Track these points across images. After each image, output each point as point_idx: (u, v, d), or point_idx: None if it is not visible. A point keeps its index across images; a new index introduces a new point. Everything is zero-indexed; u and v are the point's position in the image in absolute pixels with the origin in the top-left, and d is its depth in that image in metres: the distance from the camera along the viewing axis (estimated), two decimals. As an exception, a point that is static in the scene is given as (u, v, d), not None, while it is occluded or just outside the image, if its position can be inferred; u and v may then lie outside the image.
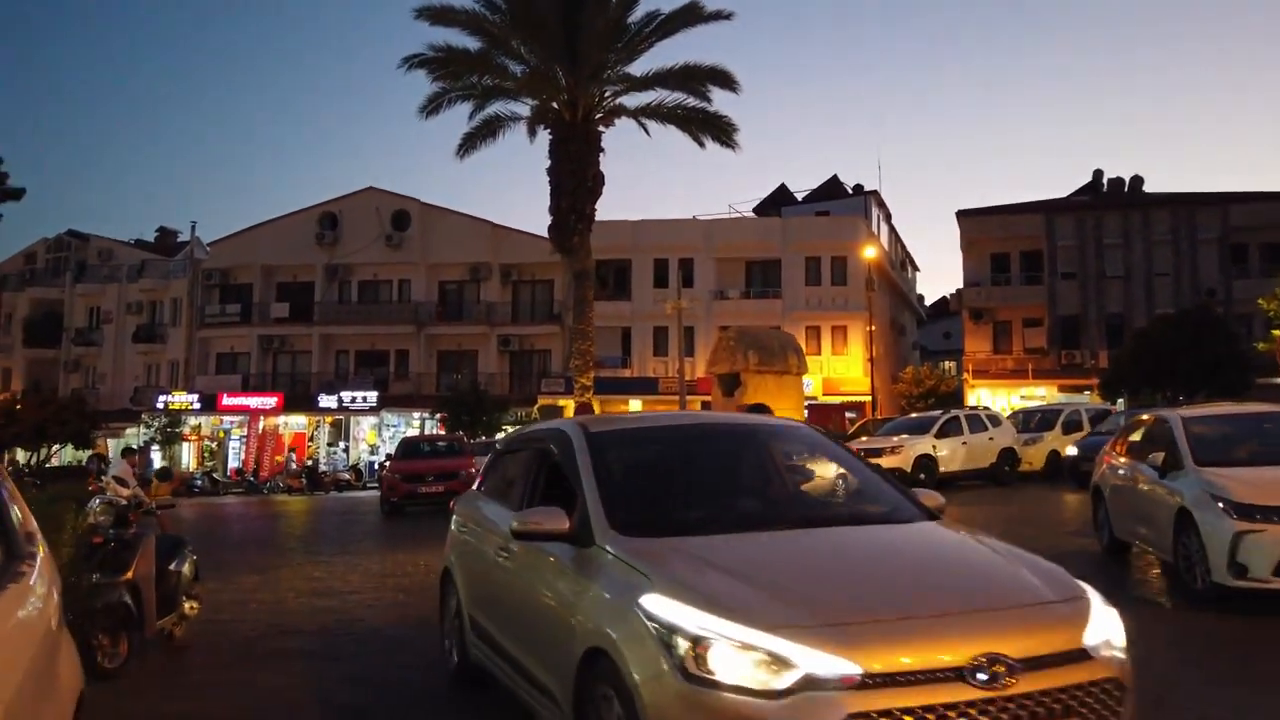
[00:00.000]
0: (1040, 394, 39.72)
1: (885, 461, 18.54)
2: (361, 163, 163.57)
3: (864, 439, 20.49)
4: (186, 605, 6.78)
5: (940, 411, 21.57)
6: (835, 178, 48.64)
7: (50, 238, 51.00)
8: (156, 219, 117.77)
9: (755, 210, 48.30)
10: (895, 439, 19.32)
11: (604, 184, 19.55)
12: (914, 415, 23.12)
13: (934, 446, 19.01)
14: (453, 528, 5.59)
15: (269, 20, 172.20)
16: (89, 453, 37.56)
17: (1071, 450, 18.41)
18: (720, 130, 19.59)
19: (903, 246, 53.92)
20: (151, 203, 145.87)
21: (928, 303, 72.22)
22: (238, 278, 46.02)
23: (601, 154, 19.60)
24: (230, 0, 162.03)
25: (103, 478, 11.85)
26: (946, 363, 73.38)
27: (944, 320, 74.60)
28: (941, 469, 18.93)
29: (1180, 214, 39.64)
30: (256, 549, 13.88)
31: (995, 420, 20.63)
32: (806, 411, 27.13)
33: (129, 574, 5.94)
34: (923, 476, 18.81)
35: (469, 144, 20.95)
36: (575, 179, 19.12)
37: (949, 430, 19.53)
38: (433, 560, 11.13)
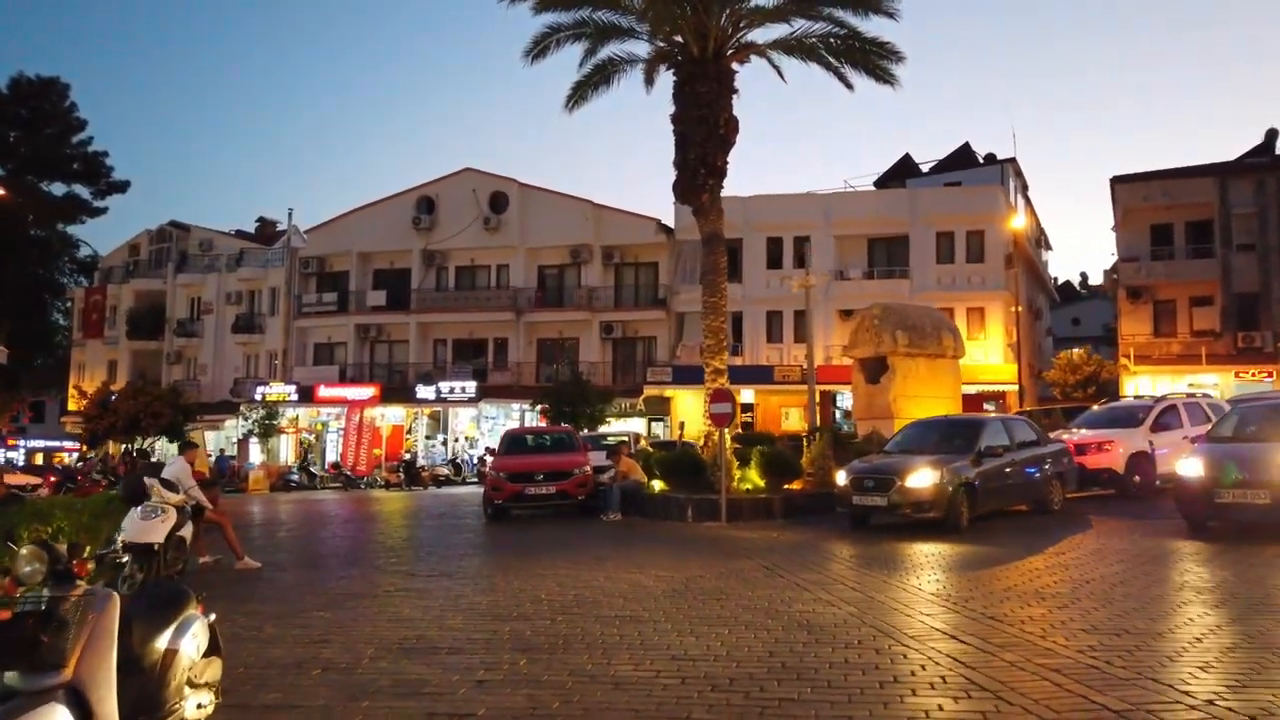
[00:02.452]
0: (1213, 381, 35.04)
1: (1091, 461, 15.17)
2: (458, 144, 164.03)
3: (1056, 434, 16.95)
4: (192, 704, 4.13)
5: (1153, 398, 17.87)
6: (966, 145, 44.44)
7: (153, 229, 50.89)
8: (257, 209, 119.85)
9: (876, 184, 44.55)
10: (1100, 433, 15.78)
11: (738, 131, 16.58)
12: (1105, 405, 19.31)
13: (1150, 443, 15.43)
14: None
15: (365, 5, 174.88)
16: (178, 443, 36.71)
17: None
18: (879, 61, 16.36)
19: (1037, 222, 49.25)
20: (252, 193, 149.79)
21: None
22: (334, 265, 44.83)
23: (735, 95, 16.62)
24: None
25: (146, 479, 9.58)
26: (1076, 350, 68.00)
27: (1072, 305, 69.03)
28: (1159, 469, 15.37)
29: (1381, 174, 34.36)
30: (340, 565, 11.45)
31: (1218, 409, 16.82)
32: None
33: (65, 672, 3.32)
34: (1137, 479, 15.34)
35: (579, 93, 18.28)
36: (705, 126, 16.21)
37: (1166, 422, 15.92)
38: (557, 593, 8.42)
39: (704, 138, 16.12)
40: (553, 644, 6.42)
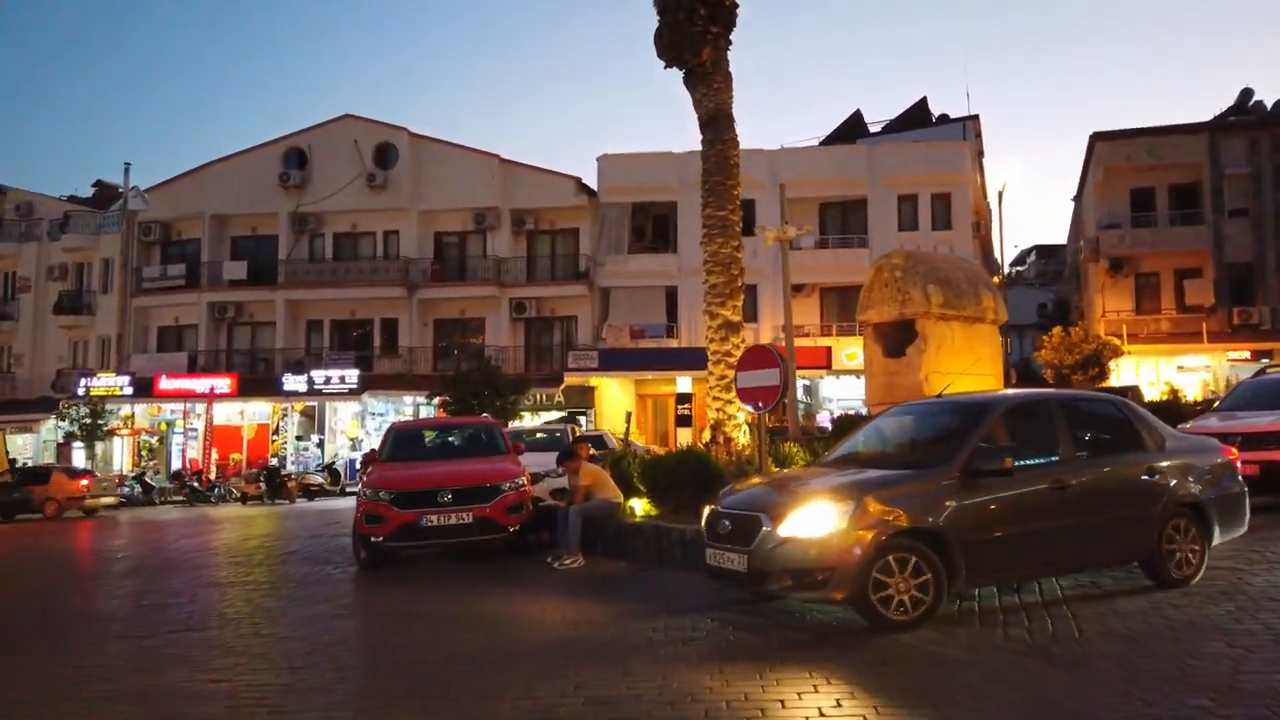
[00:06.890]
0: (1204, 363, 31.39)
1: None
2: (336, 88, 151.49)
3: (1207, 420, 11.79)
4: None
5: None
6: (924, 101, 39.92)
7: (-43, 192, 41.88)
8: (95, 173, 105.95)
9: (822, 145, 39.58)
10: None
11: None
12: (1266, 377, 14.27)
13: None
14: None
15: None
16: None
17: None
18: None
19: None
20: (90, 155, 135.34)
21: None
22: (182, 232, 37.36)
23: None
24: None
25: None
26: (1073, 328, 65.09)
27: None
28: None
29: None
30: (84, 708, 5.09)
31: None
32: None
33: None
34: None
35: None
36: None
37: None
38: None
39: (706, -42, 10.29)
40: None
